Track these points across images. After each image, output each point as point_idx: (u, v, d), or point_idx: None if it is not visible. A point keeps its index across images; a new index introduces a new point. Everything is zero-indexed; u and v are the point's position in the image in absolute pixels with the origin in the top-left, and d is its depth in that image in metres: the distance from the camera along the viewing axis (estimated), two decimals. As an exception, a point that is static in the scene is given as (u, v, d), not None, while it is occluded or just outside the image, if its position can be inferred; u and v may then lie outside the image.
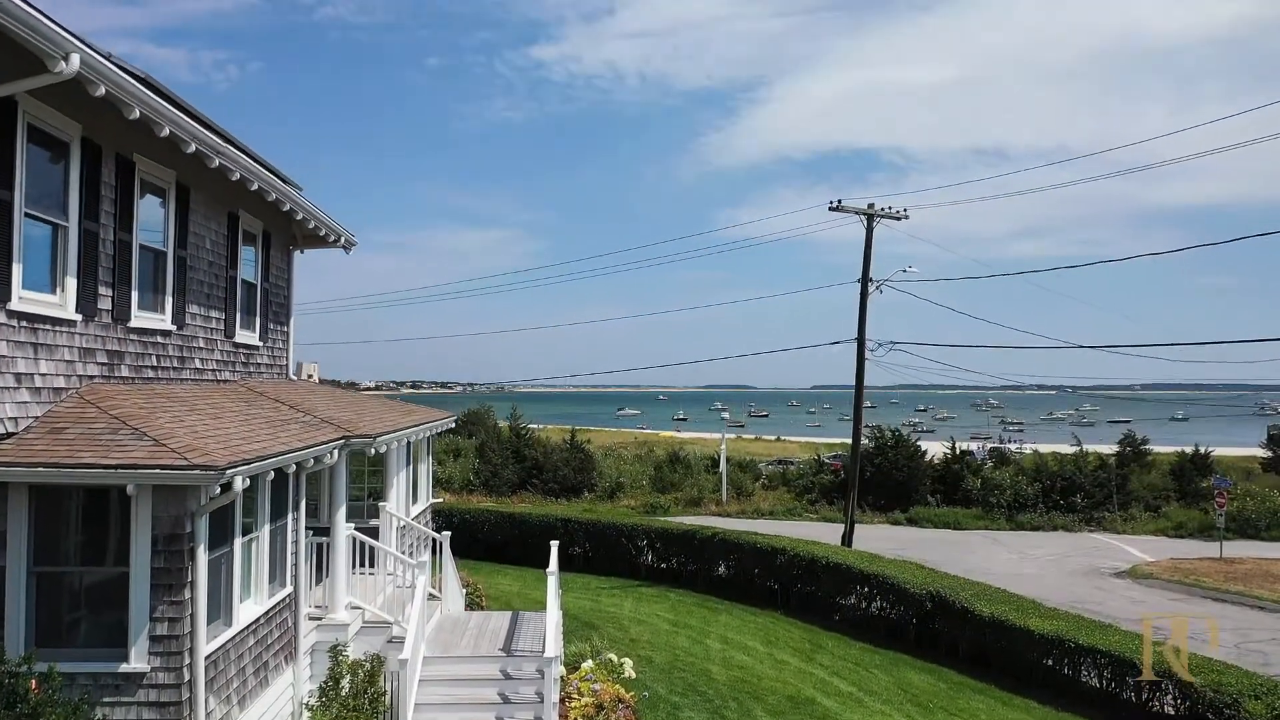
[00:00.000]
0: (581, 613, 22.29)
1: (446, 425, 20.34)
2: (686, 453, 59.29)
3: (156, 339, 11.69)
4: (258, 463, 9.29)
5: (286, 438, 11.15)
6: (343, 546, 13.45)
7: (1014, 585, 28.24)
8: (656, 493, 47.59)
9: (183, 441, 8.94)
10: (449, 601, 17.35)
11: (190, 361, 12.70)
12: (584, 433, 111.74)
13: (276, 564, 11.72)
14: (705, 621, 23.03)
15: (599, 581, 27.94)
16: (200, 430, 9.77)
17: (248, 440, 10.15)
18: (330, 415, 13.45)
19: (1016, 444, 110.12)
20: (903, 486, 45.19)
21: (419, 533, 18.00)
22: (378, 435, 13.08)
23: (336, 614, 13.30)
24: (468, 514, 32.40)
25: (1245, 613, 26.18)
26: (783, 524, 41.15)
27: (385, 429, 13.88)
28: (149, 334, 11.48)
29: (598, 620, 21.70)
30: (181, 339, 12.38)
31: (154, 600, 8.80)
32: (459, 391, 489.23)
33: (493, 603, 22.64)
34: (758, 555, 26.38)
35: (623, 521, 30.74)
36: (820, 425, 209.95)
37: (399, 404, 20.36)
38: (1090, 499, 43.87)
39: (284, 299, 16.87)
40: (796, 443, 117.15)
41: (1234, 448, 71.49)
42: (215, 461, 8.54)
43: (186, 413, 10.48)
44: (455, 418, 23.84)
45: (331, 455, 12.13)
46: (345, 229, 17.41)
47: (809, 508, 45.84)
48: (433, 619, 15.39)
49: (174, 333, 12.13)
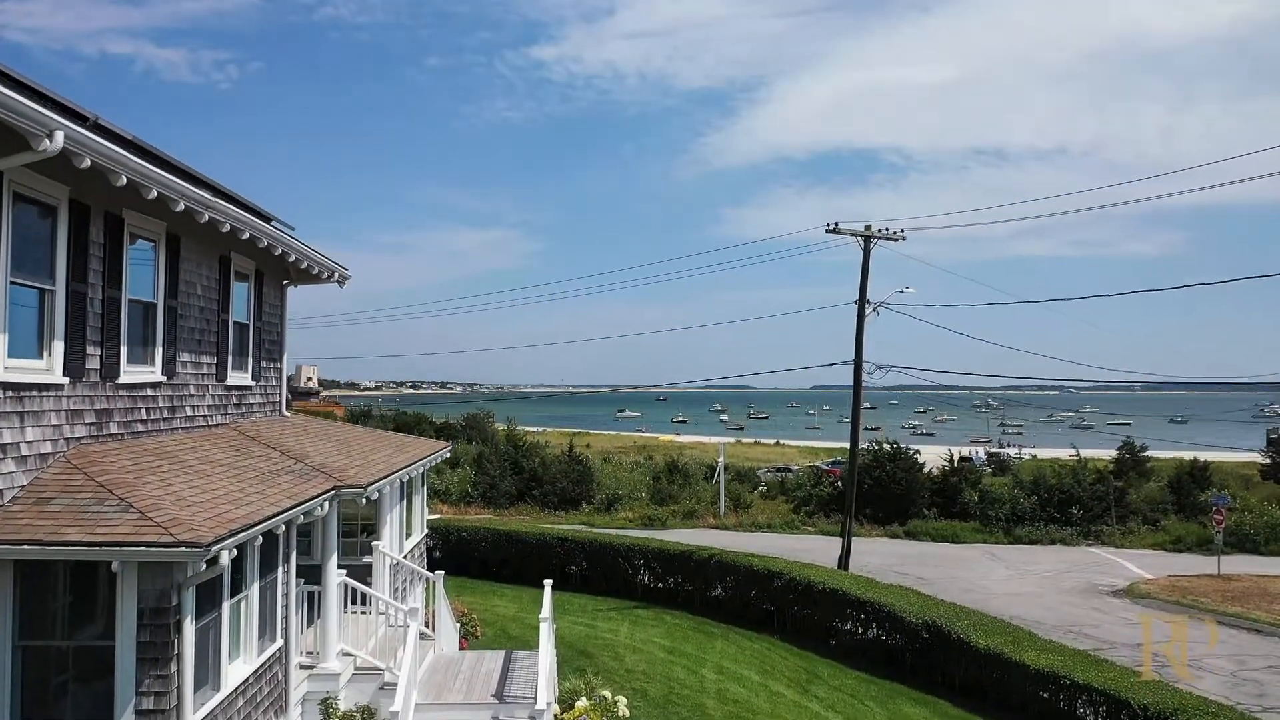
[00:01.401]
0: (577, 640, 22.24)
1: (441, 456, 20.29)
2: (685, 460, 59.32)
3: (146, 392, 11.64)
4: (244, 532, 9.23)
5: (276, 495, 11.09)
6: (334, 595, 13.40)
7: (1013, 605, 28.21)
8: (654, 504, 47.57)
9: (168, 513, 8.89)
10: (442, 639, 17.31)
11: (181, 410, 12.65)
12: (583, 437, 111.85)
13: (266, 619, 11.66)
14: (701, 648, 22.98)
15: (595, 603, 27.89)
16: (188, 496, 9.71)
17: (237, 503, 10.09)
18: (322, 463, 13.39)
19: (1016, 448, 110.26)
20: (901, 499, 45.18)
21: (411, 570, 17.95)
22: (368, 484, 13.02)
23: (328, 663, 13.25)
24: (465, 531, 32.32)
25: (1242, 637, 26.12)
26: (780, 538, 41.11)
27: (377, 475, 13.82)
28: (138, 388, 11.43)
29: (593, 648, 21.64)
30: (172, 389, 12.32)
31: (140, 674, 8.75)
32: (459, 392, 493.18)
33: (488, 629, 22.61)
34: (754, 578, 26.36)
35: (620, 542, 30.67)
36: (820, 428, 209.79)
37: (393, 438, 20.28)
38: (1088, 512, 43.85)
39: (277, 335, 16.81)
40: (796, 447, 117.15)
41: (1233, 453, 71.49)
42: (201, 538, 8.48)
43: (175, 473, 10.43)
44: (449, 448, 23.79)
45: (322, 508, 12.07)
46: (339, 265, 17.34)
47: (807, 520, 45.80)
48: (425, 660, 15.35)
49: (164, 384, 12.07)
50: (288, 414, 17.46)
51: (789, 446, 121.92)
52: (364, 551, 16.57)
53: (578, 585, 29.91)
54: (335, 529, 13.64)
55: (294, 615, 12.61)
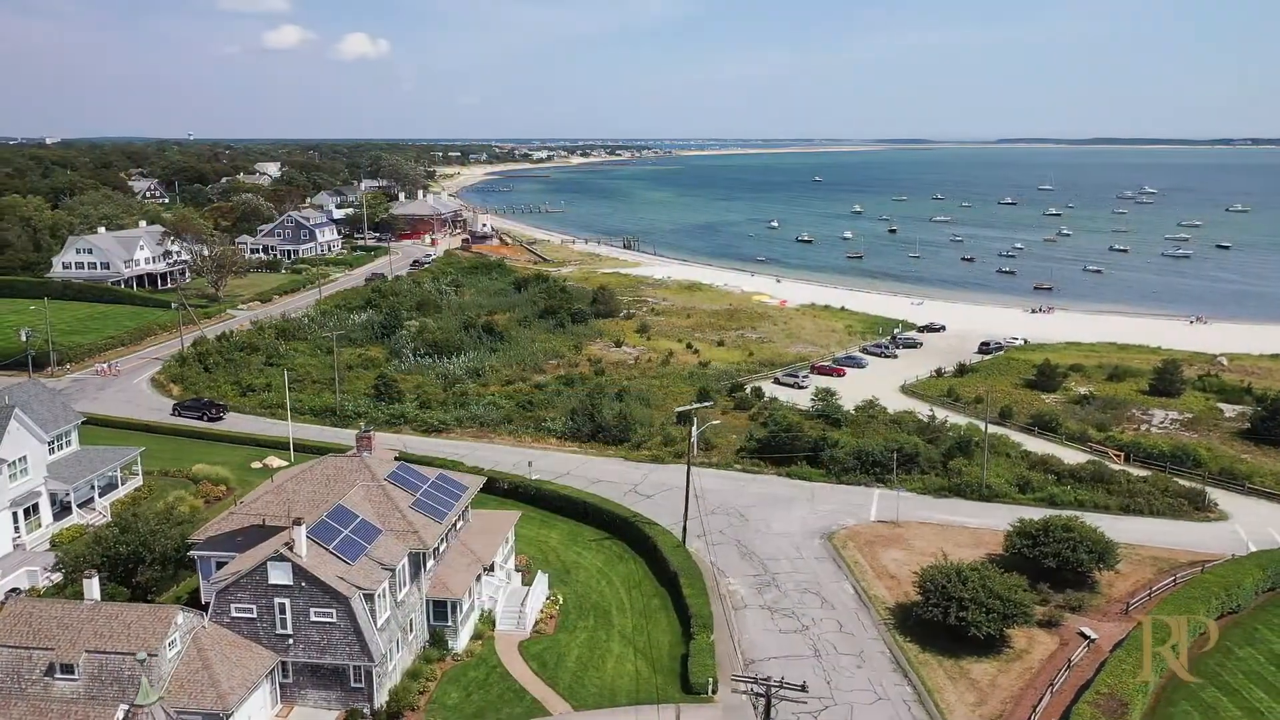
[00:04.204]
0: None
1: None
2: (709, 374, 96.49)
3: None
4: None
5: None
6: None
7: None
8: (663, 446, 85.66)
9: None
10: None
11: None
12: (697, 293, 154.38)
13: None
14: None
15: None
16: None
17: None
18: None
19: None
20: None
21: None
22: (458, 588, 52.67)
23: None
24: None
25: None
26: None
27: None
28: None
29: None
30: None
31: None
32: (628, 158, 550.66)
33: (540, 566, 62.55)
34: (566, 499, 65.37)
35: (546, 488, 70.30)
36: (861, 255, 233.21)
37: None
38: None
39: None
40: (819, 314, 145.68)
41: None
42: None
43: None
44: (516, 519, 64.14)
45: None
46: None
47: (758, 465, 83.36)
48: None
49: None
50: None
51: (814, 316, 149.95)
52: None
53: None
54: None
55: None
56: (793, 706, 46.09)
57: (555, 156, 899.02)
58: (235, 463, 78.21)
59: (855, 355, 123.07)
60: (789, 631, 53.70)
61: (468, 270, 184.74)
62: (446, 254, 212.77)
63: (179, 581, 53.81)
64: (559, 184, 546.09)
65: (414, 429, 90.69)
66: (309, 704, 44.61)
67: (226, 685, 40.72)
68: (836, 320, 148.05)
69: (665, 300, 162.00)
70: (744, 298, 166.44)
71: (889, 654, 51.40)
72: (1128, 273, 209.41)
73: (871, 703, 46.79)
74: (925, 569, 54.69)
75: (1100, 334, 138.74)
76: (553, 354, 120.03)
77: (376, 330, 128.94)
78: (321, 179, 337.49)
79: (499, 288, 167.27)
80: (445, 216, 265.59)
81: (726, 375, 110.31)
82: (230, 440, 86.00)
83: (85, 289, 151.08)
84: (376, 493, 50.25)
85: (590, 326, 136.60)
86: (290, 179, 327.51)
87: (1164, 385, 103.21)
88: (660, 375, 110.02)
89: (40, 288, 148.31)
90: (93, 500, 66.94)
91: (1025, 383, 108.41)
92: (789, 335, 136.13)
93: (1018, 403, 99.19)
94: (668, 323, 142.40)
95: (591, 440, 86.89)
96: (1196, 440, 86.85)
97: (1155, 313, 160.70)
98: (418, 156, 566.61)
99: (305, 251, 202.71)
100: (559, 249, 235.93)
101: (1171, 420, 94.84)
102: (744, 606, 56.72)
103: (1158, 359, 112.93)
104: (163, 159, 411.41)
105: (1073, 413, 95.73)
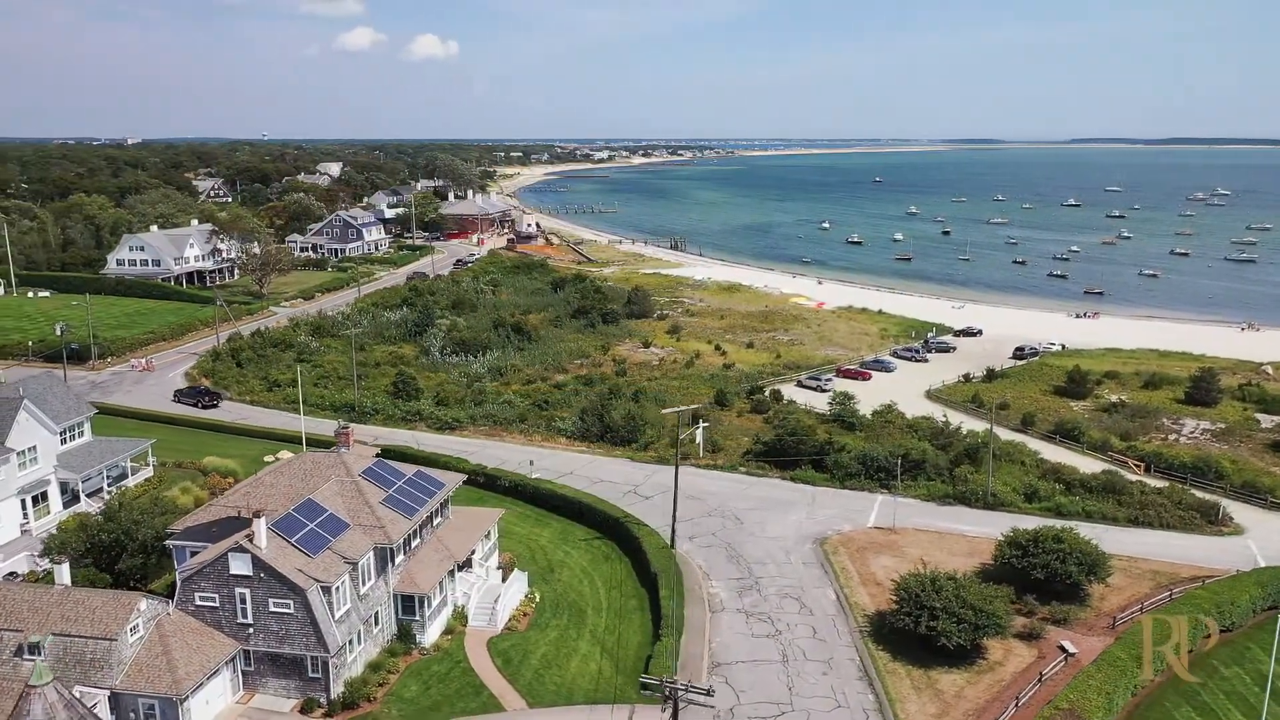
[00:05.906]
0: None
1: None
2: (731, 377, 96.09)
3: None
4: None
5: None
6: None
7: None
8: (670, 447, 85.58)
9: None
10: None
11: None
12: (736, 294, 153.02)
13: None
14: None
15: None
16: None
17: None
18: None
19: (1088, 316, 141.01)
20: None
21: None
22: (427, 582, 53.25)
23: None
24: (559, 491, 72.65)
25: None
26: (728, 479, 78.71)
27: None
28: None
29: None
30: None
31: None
32: (690, 158, 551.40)
33: (527, 564, 63.06)
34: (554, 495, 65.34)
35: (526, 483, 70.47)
36: (910, 258, 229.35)
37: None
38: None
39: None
40: (859, 317, 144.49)
41: None
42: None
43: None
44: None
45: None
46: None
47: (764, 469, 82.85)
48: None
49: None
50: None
51: (851, 319, 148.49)
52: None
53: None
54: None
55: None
56: (749, 710, 45.97)
57: (616, 157, 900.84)
58: (250, 456, 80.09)
59: (883, 359, 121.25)
60: (761, 636, 53.24)
61: (510, 270, 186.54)
62: (490, 254, 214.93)
63: (168, 571, 55.31)
64: (616, 184, 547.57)
65: (428, 425, 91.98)
66: (269, 692, 45.63)
67: (183, 671, 41.89)
68: (871, 323, 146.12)
69: (701, 301, 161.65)
70: (781, 299, 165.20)
71: (858, 661, 50.66)
72: (1185, 277, 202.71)
73: (830, 710, 46.17)
74: (903, 577, 53.79)
75: (1144, 340, 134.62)
76: (578, 354, 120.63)
77: (410, 328, 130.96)
78: (379, 179, 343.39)
79: (537, 287, 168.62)
80: (493, 216, 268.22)
81: (749, 378, 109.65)
82: (247, 434, 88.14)
83: (136, 285, 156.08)
84: (349, 488, 51.19)
85: (621, 327, 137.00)
86: (349, 179, 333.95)
87: (1200, 394, 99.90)
88: (682, 377, 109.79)
89: (95, 283, 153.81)
90: (103, 489, 69.21)
91: (1054, 389, 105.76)
92: (821, 338, 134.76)
93: (1044, 410, 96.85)
94: (700, 324, 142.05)
95: (600, 440, 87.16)
96: (1223, 451, 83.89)
97: (1205, 319, 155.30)
98: (480, 157, 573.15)
99: (352, 250, 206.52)
100: (604, 249, 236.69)
101: (1202, 430, 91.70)
102: (722, 610, 56.40)
103: (1197, 367, 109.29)
104: (230, 159, 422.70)
105: (1099, 421, 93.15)
